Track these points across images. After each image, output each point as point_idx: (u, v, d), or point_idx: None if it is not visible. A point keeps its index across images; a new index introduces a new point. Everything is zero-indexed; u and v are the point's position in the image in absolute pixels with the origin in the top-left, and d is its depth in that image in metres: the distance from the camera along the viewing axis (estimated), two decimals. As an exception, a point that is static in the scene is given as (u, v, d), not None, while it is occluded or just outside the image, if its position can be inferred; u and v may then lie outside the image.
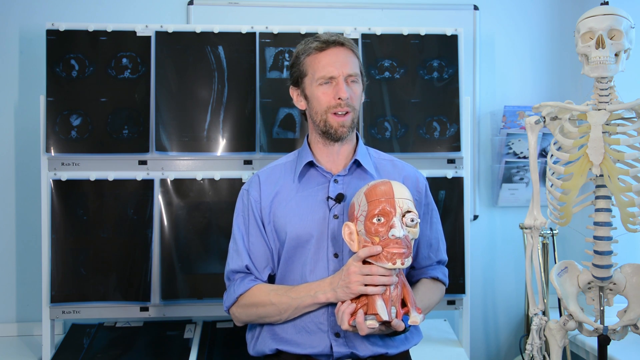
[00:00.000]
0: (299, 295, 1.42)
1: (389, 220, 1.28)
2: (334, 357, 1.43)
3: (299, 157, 1.57)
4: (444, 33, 2.22)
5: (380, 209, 1.29)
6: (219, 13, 2.41)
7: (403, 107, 2.20)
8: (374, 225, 1.29)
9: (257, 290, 1.49)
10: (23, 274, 2.36)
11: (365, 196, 1.33)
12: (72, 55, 2.10)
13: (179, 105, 2.12)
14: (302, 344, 1.45)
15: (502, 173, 2.50)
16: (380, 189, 1.32)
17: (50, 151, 2.07)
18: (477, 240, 2.53)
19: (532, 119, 1.66)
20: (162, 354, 2.07)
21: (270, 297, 1.46)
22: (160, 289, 2.09)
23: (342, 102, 1.45)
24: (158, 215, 2.10)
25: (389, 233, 1.28)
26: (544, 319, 1.70)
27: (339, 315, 1.33)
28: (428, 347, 2.17)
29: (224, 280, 1.58)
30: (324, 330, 1.44)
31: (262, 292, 1.48)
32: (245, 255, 1.52)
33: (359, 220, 1.33)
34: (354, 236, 1.33)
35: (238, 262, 1.52)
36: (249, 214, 1.54)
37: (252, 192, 1.55)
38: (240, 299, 1.50)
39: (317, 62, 1.47)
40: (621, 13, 1.54)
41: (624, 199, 1.52)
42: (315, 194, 1.50)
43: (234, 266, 1.53)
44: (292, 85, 1.56)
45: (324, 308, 1.44)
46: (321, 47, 1.47)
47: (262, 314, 1.47)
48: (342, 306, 1.33)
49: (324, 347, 1.43)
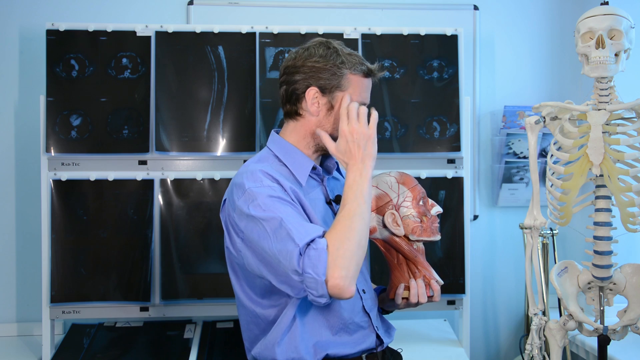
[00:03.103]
0: (355, 193, 1.31)
1: (427, 200, 1.48)
2: (377, 349, 1.46)
3: (292, 160, 1.47)
4: (444, 33, 2.22)
5: (421, 194, 1.47)
6: (219, 13, 2.41)
7: (403, 107, 2.20)
8: (421, 207, 1.46)
9: (332, 233, 1.27)
10: (23, 274, 2.36)
11: (404, 184, 1.48)
12: (72, 55, 2.10)
13: (179, 105, 2.12)
14: (347, 343, 1.42)
15: (502, 173, 2.50)
16: (409, 177, 1.51)
17: (50, 151, 2.07)
18: (477, 240, 2.53)
19: (532, 119, 1.67)
20: (162, 354, 2.07)
21: (344, 221, 1.27)
22: (160, 289, 2.09)
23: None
24: (158, 215, 2.10)
25: (432, 211, 1.47)
26: (544, 319, 1.70)
27: (420, 292, 1.42)
28: (428, 347, 2.17)
29: (294, 267, 1.21)
30: (365, 327, 1.45)
31: (336, 229, 1.27)
32: (315, 223, 1.33)
33: (401, 206, 1.46)
34: (399, 221, 1.45)
35: (312, 230, 1.26)
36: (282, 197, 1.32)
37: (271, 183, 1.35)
38: (330, 252, 1.22)
39: (360, 86, 1.44)
40: (621, 13, 1.54)
41: (624, 199, 1.52)
42: (318, 197, 1.50)
43: (309, 235, 1.24)
44: (317, 88, 1.42)
45: (362, 302, 1.45)
46: (367, 74, 1.45)
47: (357, 238, 1.26)
48: (413, 284, 1.43)
49: (371, 342, 1.45)
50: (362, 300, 1.45)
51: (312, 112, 1.44)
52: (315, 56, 1.43)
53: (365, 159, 1.36)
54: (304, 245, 1.22)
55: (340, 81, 1.42)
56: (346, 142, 1.37)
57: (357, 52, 1.48)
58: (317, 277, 1.20)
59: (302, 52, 1.46)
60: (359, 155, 1.36)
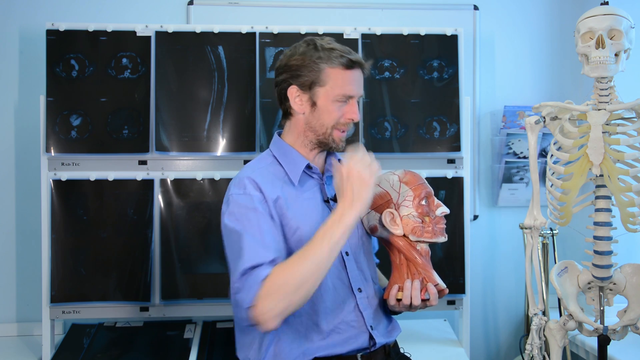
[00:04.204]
0: (325, 235, 1.30)
1: (432, 200, 1.45)
2: (370, 349, 1.46)
3: (287, 160, 1.49)
4: (444, 33, 2.22)
5: (425, 193, 1.45)
6: (219, 13, 2.41)
7: (403, 107, 2.20)
8: (423, 206, 1.44)
9: (281, 266, 1.30)
10: (23, 274, 2.36)
11: (406, 184, 1.46)
12: (72, 55, 2.10)
13: (179, 105, 2.12)
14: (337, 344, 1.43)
15: (502, 173, 2.50)
16: (415, 176, 1.48)
17: (50, 151, 2.07)
18: (477, 240, 2.53)
19: (532, 119, 1.67)
20: (162, 354, 2.07)
21: (298, 260, 1.29)
22: (160, 289, 2.09)
23: (352, 122, 1.49)
24: (158, 215, 2.10)
25: (438, 211, 1.44)
26: (544, 319, 1.70)
27: (414, 293, 1.41)
28: (428, 347, 2.17)
29: (235, 283, 1.33)
30: (357, 325, 1.45)
31: (286, 264, 1.30)
32: (272, 249, 1.34)
33: (401, 205, 1.44)
34: (398, 220, 1.43)
35: (263, 255, 1.31)
36: (258, 208, 1.38)
37: (253, 192, 1.41)
38: (266, 283, 1.27)
39: (341, 79, 1.44)
40: (621, 13, 1.54)
41: (624, 199, 1.52)
42: (314, 196, 1.50)
43: (256, 260, 1.30)
44: (297, 86, 1.46)
45: (356, 301, 1.45)
46: (348, 65, 1.45)
47: (300, 281, 1.27)
48: (407, 286, 1.42)
49: (363, 341, 1.45)
50: (355, 299, 1.45)
51: (298, 110, 1.48)
52: (295, 55, 1.48)
53: (355, 202, 1.33)
54: (248, 268, 1.30)
55: (318, 76, 1.44)
56: (341, 179, 1.37)
57: (343, 46, 1.48)
58: (242, 303, 1.29)
59: (287, 52, 1.52)
60: (349, 196, 1.34)
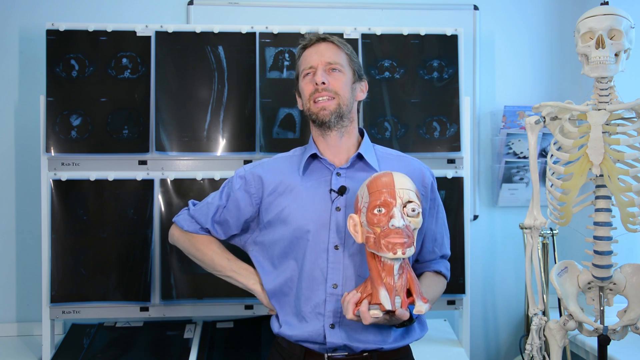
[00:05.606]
0: (236, 263, 1.61)
1: (389, 210, 1.29)
2: (327, 346, 1.44)
3: (304, 152, 1.59)
4: (443, 33, 2.22)
5: (382, 200, 1.30)
6: (219, 13, 2.42)
7: (403, 107, 2.20)
8: (375, 216, 1.30)
9: (205, 240, 1.64)
10: (23, 274, 2.37)
11: (367, 187, 1.34)
12: (72, 55, 2.10)
13: (179, 105, 2.12)
14: (297, 327, 1.47)
15: (502, 173, 2.50)
16: (381, 180, 1.33)
17: (50, 151, 2.07)
18: (477, 240, 2.53)
19: (532, 119, 1.66)
20: (162, 354, 2.07)
21: (202, 245, 1.63)
22: (160, 289, 2.09)
23: (319, 87, 1.50)
24: (158, 215, 2.10)
25: (389, 223, 1.28)
26: (544, 319, 1.70)
27: (345, 305, 1.33)
28: (428, 347, 2.17)
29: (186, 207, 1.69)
30: (319, 319, 1.45)
31: (208, 244, 1.63)
32: (210, 218, 1.61)
33: (361, 211, 1.34)
34: (358, 227, 1.34)
35: (203, 217, 1.62)
36: (240, 189, 1.58)
37: (250, 177, 1.58)
38: (176, 230, 1.68)
39: (303, 59, 1.56)
40: (621, 13, 1.54)
41: (624, 199, 1.52)
42: (318, 186, 1.51)
43: (200, 214, 1.63)
44: (296, 81, 1.61)
45: (325, 296, 1.44)
46: (306, 45, 1.56)
47: (197, 256, 1.64)
48: (348, 296, 1.33)
49: (317, 335, 1.44)
50: (325, 293, 1.45)
51: (300, 107, 1.62)
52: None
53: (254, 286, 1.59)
54: (189, 209, 1.67)
55: (299, 67, 1.58)
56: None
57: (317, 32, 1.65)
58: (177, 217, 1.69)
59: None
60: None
